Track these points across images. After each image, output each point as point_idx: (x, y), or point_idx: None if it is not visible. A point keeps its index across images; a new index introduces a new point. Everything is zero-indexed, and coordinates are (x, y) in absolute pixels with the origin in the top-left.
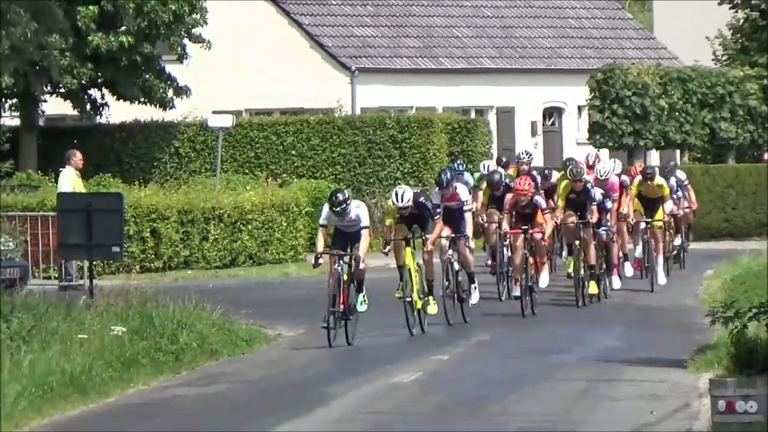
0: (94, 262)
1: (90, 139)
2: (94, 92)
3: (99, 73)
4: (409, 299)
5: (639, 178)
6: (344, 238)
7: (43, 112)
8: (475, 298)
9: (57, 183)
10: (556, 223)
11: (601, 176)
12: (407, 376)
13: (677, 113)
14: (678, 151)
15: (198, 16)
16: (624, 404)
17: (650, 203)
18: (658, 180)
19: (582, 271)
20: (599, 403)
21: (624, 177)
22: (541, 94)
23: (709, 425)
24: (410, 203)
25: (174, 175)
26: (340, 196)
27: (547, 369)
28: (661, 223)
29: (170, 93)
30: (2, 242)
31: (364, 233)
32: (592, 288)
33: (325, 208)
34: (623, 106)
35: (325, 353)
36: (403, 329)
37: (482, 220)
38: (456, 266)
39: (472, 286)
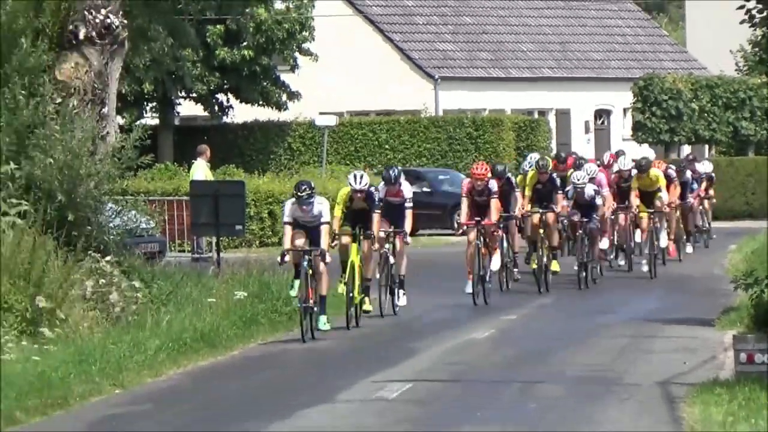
0: (221, 238)
1: (217, 135)
2: (220, 96)
3: (225, 81)
4: (351, 295)
5: (636, 172)
6: (305, 234)
7: (178, 113)
8: (402, 301)
9: (190, 172)
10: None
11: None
12: (481, 333)
13: (706, 114)
14: (706, 146)
15: (307, 34)
16: (661, 356)
17: (648, 195)
18: (654, 172)
19: (545, 259)
20: (640, 355)
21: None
22: (593, 98)
23: (733, 374)
24: (366, 187)
25: (287, 165)
26: (306, 186)
27: (597, 327)
28: (664, 207)
29: (284, 97)
30: (144, 221)
31: (324, 228)
32: (554, 266)
33: (287, 205)
34: (661, 109)
35: (411, 314)
36: (465, 297)
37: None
38: (391, 260)
39: (401, 291)
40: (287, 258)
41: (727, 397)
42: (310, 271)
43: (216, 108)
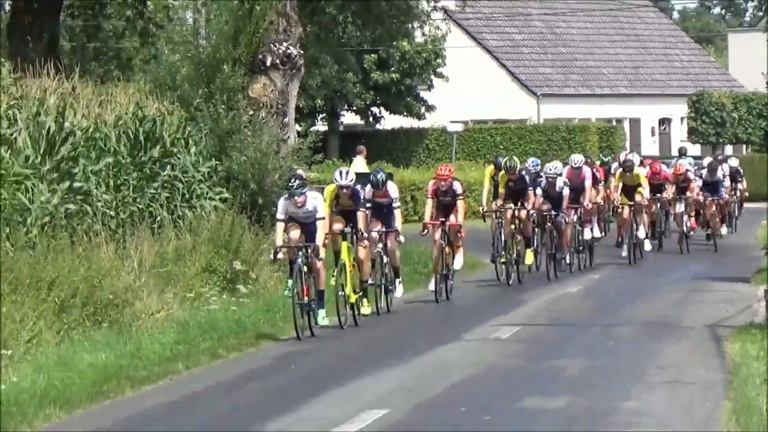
0: None
1: (372, 139)
2: (374, 109)
3: (377, 97)
4: (342, 293)
5: (620, 170)
6: (300, 229)
7: (342, 122)
8: (399, 291)
9: (351, 166)
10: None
11: (575, 165)
12: (573, 288)
13: (743, 121)
14: (744, 146)
15: (440, 61)
16: (709, 306)
17: (630, 189)
18: (636, 171)
19: (514, 255)
20: (692, 305)
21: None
22: (657, 109)
23: (764, 319)
24: (352, 183)
25: (425, 161)
26: (297, 179)
27: (657, 285)
28: (640, 198)
29: (422, 109)
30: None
31: (320, 224)
32: (529, 257)
33: (281, 201)
34: (709, 117)
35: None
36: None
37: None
38: (385, 259)
39: (397, 280)
40: (280, 255)
41: (759, 336)
42: (305, 268)
43: (371, 118)
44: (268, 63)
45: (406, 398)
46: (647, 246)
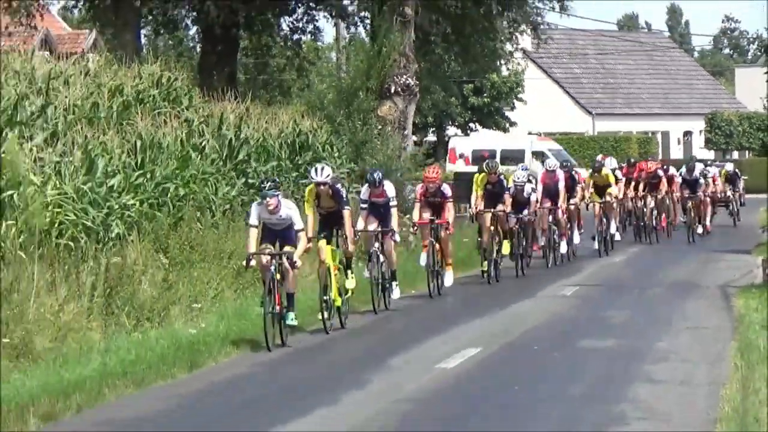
0: None
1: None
2: (471, 125)
3: (473, 116)
4: (326, 298)
5: (590, 170)
6: (273, 237)
7: (447, 134)
8: (396, 293)
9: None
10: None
11: (549, 168)
12: (618, 258)
13: (746, 134)
14: (747, 152)
15: (520, 88)
16: (721, 271)
17: (601, 189)
18: (605, 171)
19: (494, 254)
20: (708, 271)
21: (618, 172)
22: (682, 125)
23: (761, 281)
24: (329, 179)
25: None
26: (270, 182)
27: (679, 257)
28: (610, 198)
29: (507, 125)
30: None
31: (301, 236)
32: (505, 248)
33: (253, 207)
34: (720, 130)
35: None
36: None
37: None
38: (381, 258)
39: (394, 283)
40: (252, 262)
41: (758, 294)
42: (278, 276)
43: (468, 132)
44: (392, 90)
45: (495, 340)
46: (617, 237)
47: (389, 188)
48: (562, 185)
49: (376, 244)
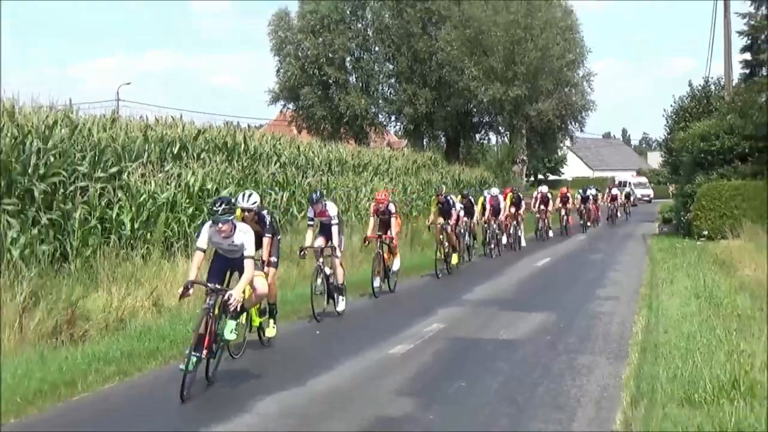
0: None
1: (554, 185)
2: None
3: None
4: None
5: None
6: (224, 264)
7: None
8: (341, 306)
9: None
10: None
11: (493, 194)
12: (582, 237)
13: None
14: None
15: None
16: (641, 231)
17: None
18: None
19: (443, 254)
20: (636, 231)
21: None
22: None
23: (657, 231)
24: (255, 206)
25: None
26: (223, 203)
27: (616, 234)
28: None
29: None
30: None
31: (248, 263)
32: (454, 259)
33: (204, 228)
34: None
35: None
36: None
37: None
38: (327, 270)
39: (341, 297)
40: (191, 291)
41: (657, 238)
42: (217, 311)
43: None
44: (517, 161)
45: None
46: (523, 242)
47: (331, 208)
48: (501, 205)
49: (321, 259)
